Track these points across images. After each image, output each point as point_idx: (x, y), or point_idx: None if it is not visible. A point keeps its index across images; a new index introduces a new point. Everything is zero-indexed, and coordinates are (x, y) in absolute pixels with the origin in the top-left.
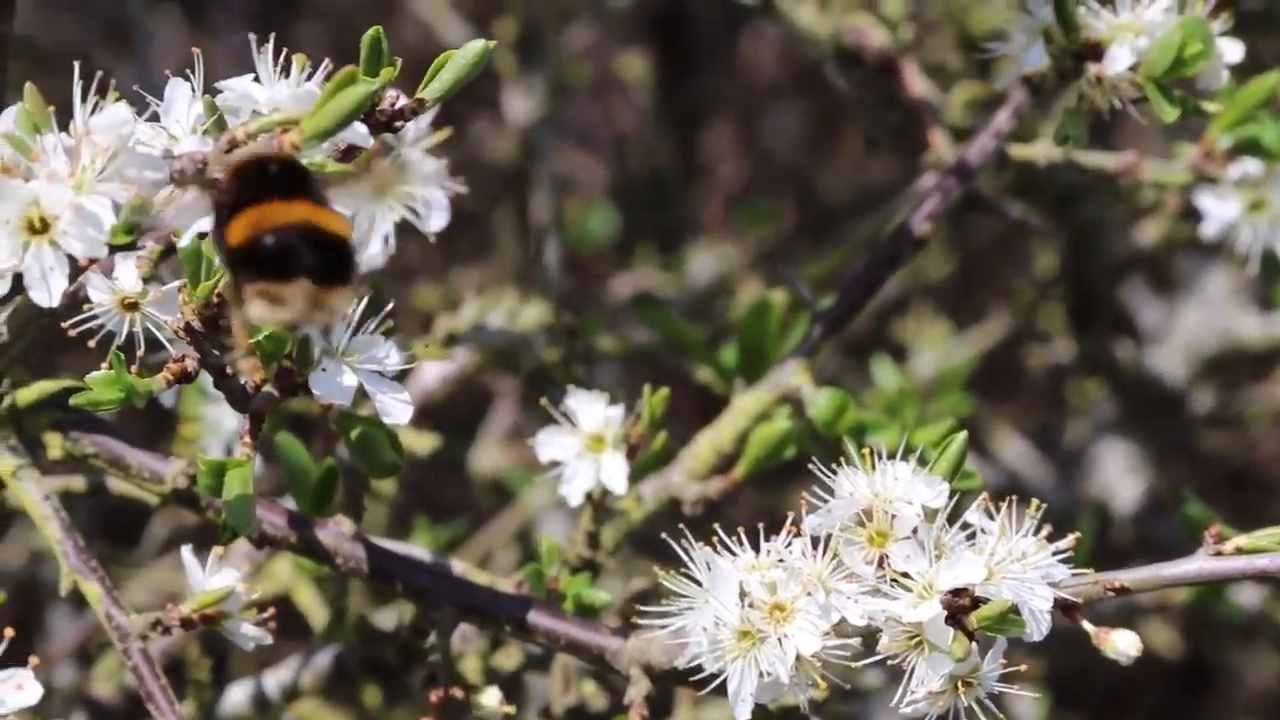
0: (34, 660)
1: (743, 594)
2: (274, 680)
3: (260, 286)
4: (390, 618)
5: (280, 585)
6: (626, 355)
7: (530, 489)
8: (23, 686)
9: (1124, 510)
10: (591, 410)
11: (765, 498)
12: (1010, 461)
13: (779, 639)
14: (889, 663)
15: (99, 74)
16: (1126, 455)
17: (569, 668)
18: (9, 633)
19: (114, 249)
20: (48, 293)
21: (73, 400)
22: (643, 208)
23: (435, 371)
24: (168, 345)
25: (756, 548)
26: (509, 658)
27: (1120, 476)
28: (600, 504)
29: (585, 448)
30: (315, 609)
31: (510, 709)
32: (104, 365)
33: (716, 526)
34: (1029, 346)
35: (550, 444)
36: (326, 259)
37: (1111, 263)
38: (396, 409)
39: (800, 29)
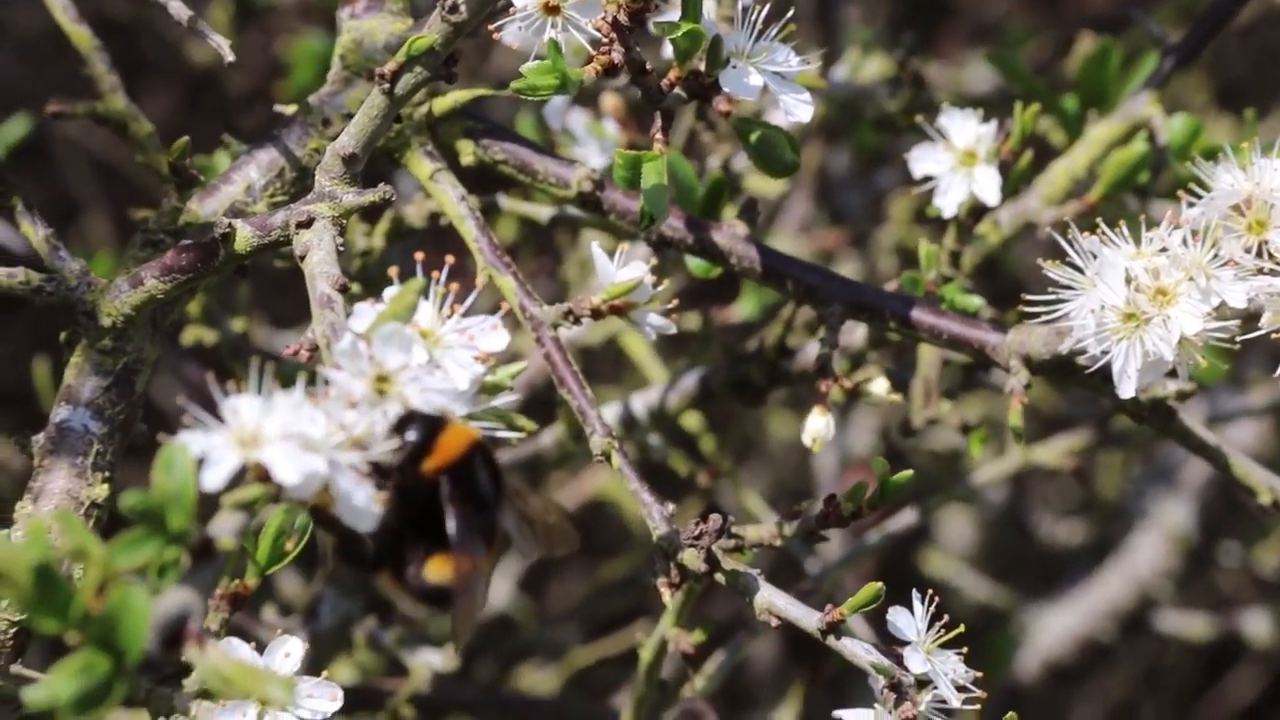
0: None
1: (1127, 279)
2: (641, 402)
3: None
4: None
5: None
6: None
7: None
8: (497, 329)
9: None
10: (964, 127)
11: None
12: None
13: (1163, 320)
14: (1272, 337)
15: None
16: None
17: (930, 382)
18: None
19: None
20: None
21: (512, 86)
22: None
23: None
24: (588, 47)
25: (1138, 241)
26: (865, 374)
27: None
28: (964, 223)
29: (958, 163)
30: (650, 363)
31: (897, 397)
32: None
33: (1099, 221)
34: None
35: (924, 159)
36: None
37: None
38: (799, 108)
39: None
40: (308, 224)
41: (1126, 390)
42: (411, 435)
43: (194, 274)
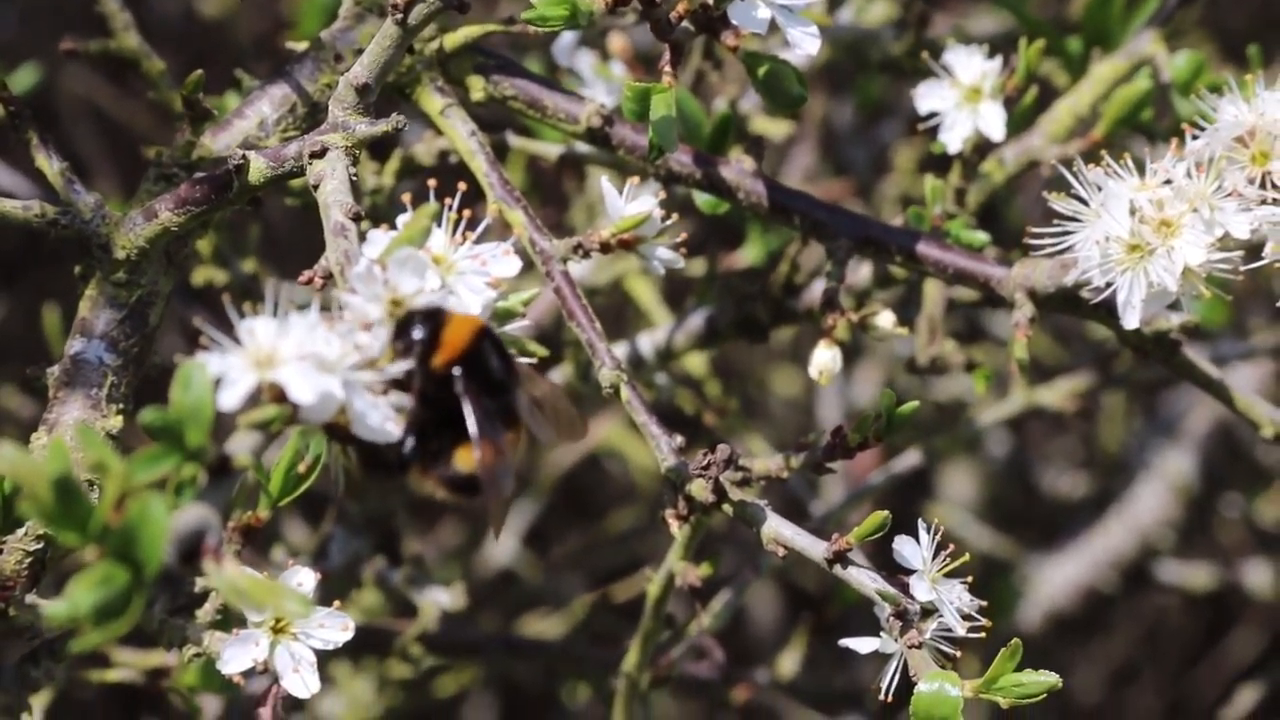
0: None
1: (1132, 210)
2: (648, 341)
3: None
4: None
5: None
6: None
7: None
8: (509, 254)
9: None
10: (969, 63)
11: None
12: None
13: (1167, 251)
14: (1275, 266)
15: None
16: None
17: (934, 320)
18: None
19: None
20: None
21: (523, 16)
22: None
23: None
24: None
25: (1142, 173)
26: (870, 309)
27: None
28: (969, 160)
29: (963, 98)
30: (655, 308)
31: (904, 330)
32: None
33: (1104, 153)
34: None
35: (929, 95)
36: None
37: None
38: (806, 40)
39: None
40: (321, 154)
41: (1131, 321)
42: (417, 334)
43: (208, 206)
